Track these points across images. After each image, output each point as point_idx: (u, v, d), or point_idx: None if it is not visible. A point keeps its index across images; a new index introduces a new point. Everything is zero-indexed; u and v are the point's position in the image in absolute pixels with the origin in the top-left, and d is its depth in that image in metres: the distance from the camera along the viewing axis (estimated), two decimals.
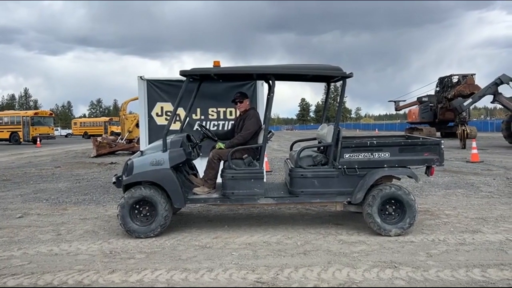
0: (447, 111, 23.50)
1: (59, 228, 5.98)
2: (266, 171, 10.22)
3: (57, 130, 54.12)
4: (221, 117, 8.65)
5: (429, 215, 6.33)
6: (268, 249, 4.85)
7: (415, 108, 29.20)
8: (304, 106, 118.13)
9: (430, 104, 26.19)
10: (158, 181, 5.33)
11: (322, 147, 6.06)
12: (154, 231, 5.32)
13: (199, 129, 6.15)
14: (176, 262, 4.49)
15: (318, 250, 4.78)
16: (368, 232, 5.44)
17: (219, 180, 5.67)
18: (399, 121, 57.19)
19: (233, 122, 8.62)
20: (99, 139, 20.26)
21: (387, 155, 5.44)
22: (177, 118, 8.63)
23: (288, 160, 6.35)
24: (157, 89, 8.56)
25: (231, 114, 8.67)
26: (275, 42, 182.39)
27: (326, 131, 6.01)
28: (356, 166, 5.42)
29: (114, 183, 5.61)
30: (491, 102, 20.64)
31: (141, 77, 8.56)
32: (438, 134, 25.86)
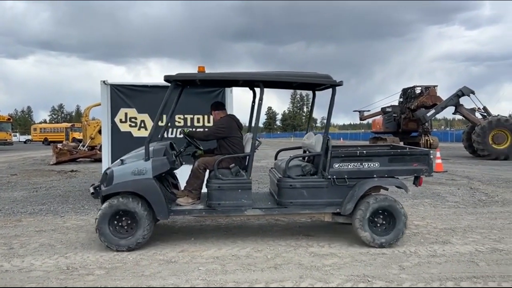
0: (410, 121, 24.00)
1: (12, 241, 5.55)
2: None
3: (15, 136, 51.95)
4: (188, 124, 8.40)
5: None
6: (237, 263, 4.63)
7: (379, 118, 29.70)
8: (270, 114, 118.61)
9: (394, 115, 26.69)
10: (140, 191, 5.04)
11: (309, 157, 5.90)
12: (134, 243, 5.02)
13: (184, 136, 5.85)
14: (139, 278, 4.20)
15: (289, 264, 4.60)
16: (339, 244, 5.31)
17: (203, 190, 5.46)
18: (363, 130, 58.23)
19: (200, 129, 8.41)
20: (59, 145, 19.48)
21: (376, 165, 5.32)
22: (142, 125, 8.33)
23: (274, 170, 6.16)
24: (121, 94, 8.23)
25: (198, 121, 8.43)
26: (242, 50, 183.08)
27: (313, 140, 5.83)
28: (346, 176, 5.28)
29: (92, 193, 5.26)
30: (453, 113, 21.26)
31: (104, 81, 8.21)
32: (401, 143, 26.38)
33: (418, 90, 24.29)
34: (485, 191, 9.41)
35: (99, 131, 18.17)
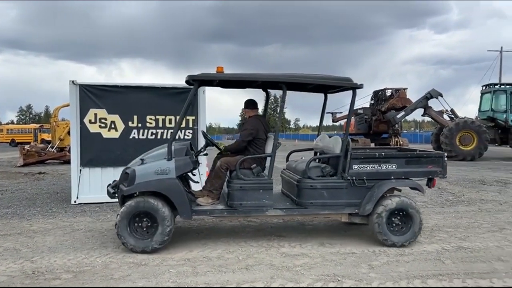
0: (381, 123, 24.41)
1: None
2: None
3: None
4: (160, 125, 8.32)
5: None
6: (209, 264, 4.61)
7: (351, 120, 30.17)
8: (245, 116, 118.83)
9: (365, 116, 27.10)
10: (163, 191, 4.99)
11: (324, 158, 5.90)
12: (154, 245, 4.95)
13: (203, 136, 5.75)
14: (108, 282, 4.13)
15: (260, 265, 4.61)
16: (311, 244, 5.36)
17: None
18: (335, 132, 58.95)
19: (172, 130, 8.36)
20: (27, 147, 18.93)
21: (394, 166, 5.42)
22: (112, 126, 8.20)
23: (287, 171, 6.17)
24: (90, 95, 8.08)
25: (170, 122, 8.36)
26: (217, 51, 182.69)
27: (331, 142, 5.83)
28: (365, 178, 5.34)
29: (113, 193, 5.22)
30: (422, 115, 21.73)
31: (73, 81, 8.04)
32: (373, 145, 26.84)
33: (388, 93, 24.73)
34: (452, 191, 9.67)
35: (69, 132, 17.75)
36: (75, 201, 8.11)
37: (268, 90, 6.43)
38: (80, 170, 8.13)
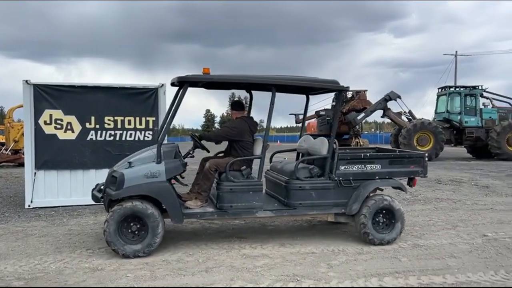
0: (342, 124, 24.83)
1: None
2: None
3: None
4: (119, 126, 8.13)
5: (329, 225, 6.47)
6: (168, 268, 4.53)
7: (313, 121, 30.52)
8: (209, 117, 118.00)
9: (327, 118, 27.52)
10: (154, 195, 4.89)
11: (312, 159, 5.87)
12: (145, 249, 4.85)
13: (191, 138, 5.63)
14: None
15: (220, 267, 4.57)
16: (271, 245, 5.37)
17: None
18: (299, 133, 59.55)
19: (131, 132, 8.20)
20: None
21: (378, 167, 5.57)
22: (68, 127, 7.95)
23: (272, 172, 6.16)
24: (45, 95, 7.80)
25: (129, 123, 8.19)
26: (180, 52, 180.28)
27: (317, 143, 5.87)
28: (351, 178, 5.46)
29: (101, 198, 5.05)
30: (381, 117, 22.29)
31: (26, 81, 7.74)
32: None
33: (349, 94, 25.21)
34: (409, 190, 9.93)
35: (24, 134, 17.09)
36: (29, 206, 7.79)
37: (250, 91, 6.39)
38: (35, 173, 7.84)
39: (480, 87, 20.87)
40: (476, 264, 4.69)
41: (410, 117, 21.30)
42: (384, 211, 5.47)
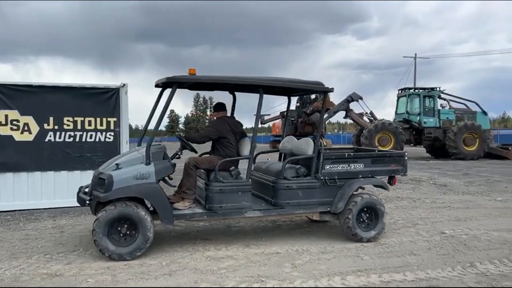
0: (306, 125, 25.13)
1: None
2: None
3: None
4: (78, 127, 7.89)
5: (294, 225, 6.52)
6: (130, 272, 4.43)
7: (278, 122, 30.77)
8: (173, 118, 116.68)
9: (292, 119, 27.80)
10: (144, 196, 4.89)
11: (296, 159, 5.92)
12: (135, 251, 4.78)
13: (178, 139, 5.58)
14: None
15: (184, 269, 4.52)
16: (236, 246, 5.35)
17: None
18: (264, 134, 59.84)
19: (92, 133, 7.99)
20: None
21: (361, 166, 5.73)
22: (25, 128, 7.66)
23: (257, 172, 6.19)
24: (0, 95, 7.49)
25: (90, 124, 7.97)
26: (144, 51, 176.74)
27: (302, 143, 5.95)
28: (336, 177, 5.59)
29: (90, 200, 4.89)
30: (344, 118, 22.72)
31: None
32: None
33: (313, 96, 25.54)
34: (371, 190, 10.15)
35: None
36: None
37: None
38: None
39: (438, 89, 21.61)
40: (434, 261, 4.84)
41: (372, 118, 21.81)
42: (367, 209, 5.64)
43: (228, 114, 6.09)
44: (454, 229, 6.23)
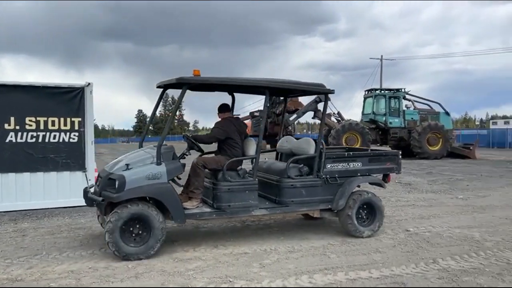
0: (275, 125, 25.27)
1: None
2: None
3: None
4: (41, 127, 7.66)
5: (262, 225, 6.54)
6: (94, 275, 4.34)
7: (248, 122, 30.77)
8: (141, 117, 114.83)
9: (261, 119, 27.93)
10: (157, 196, 4.91)
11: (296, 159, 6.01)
12: (148, 251, 4.82)
13: (184, 139, 5.63)
14: None
15: (151, 272, 4.45)
16: (204, 247, 5.32)
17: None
18: None
19: (55, 133, 7.78)
20: None
21: (359, 164, 5.97)
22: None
23: (257, 172, 6.09)
24: None
25: (53, 124, 7.74)
26: (111, 50, 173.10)
27: (303, 143, 6.15)
28: (337, 175, 5.80)
29: (102, 201, 4.84)
30: (312, 118, 22.98)
31: None
32: (268, 146, 27.69)
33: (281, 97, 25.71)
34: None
35: None
36: None
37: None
38: None
39: (403, 90, 22.14)
40: (399, 258, 4.95)
41: (339, 118, 22.15)
42: (366, 205, 5.88)
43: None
44: (418, 227, 6.40)
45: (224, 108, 6.00)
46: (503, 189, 10.45)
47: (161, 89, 5.88)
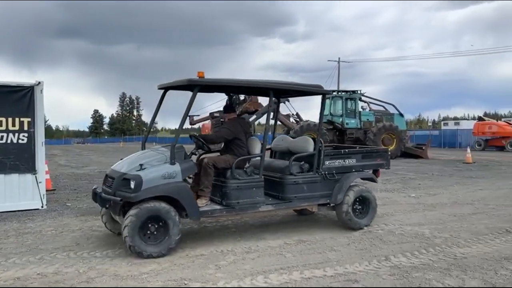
0: None
1: None
2: (48, 190, 9.06)
3: None
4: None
5: (219, 226, 6.51)
6: (43, 282, 4.17)
7: (208, 122, 30.59)
8: (97, 118, 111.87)
9: (221, 119, 27.81)
10: (174, 195, 5.01)
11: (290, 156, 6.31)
12: (166, 249, 4.94)
13: (192, 139, 5.80)
14: None
15: (103, 276, 4.33)
16: None
17: None
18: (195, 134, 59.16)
19: (3, 134, 7.46)
20: None
21: (354, 161, 6.38)
22: None
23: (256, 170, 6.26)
24: None
25: (1, 125, 7.39)
26: (66, 48, 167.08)
27: (301, 141, 6.54)
28: (334, 172, 6.14)
29: (121, 201, 4.86)
30: (272, 119, 23.05)
31: None
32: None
33: (242, 97, 25.74)
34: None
35: None
36: None
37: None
38: None
39: (359, 92, 22.67)
40: (353, 256, 5.06)
41: (298, 119, 22.42)
42: (360, 199, 6.27)
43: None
44: (371, 225, 6.55)
45: (229, 109, 6.29)
46: (453, 188, 10.91)
47: (162, 91, 6.03)
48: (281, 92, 6.68)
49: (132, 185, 4.87)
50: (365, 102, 23.04)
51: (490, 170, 15.43)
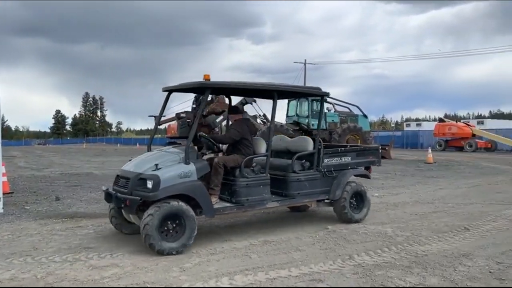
0: (202, 126, 24.91)
1: None
2: (5, 193, 8.70)
3: None
4: None
5: None
6: None
7: (174, 123, 30.17)
8: (59, 118, 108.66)
9: (188, 120, 27.51)
10: (190, 193, 5.18)
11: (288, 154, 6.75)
12: (183, 245, 5.08)
13: (200, 139, 5.98)
14: None
15: (62, 281, 4.19)
16: (122, 253, 5.11)
17: None
18: (160, 135, 58.42)
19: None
20: None
21: (349, 158, 6.80)
22: None
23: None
24: None
25: None
26: (26, 47, 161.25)
27: (300, 141, 6.89)
28: (332, 169, 6.54)
29: (140, 200, 5.00)
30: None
31: None
32: (196, 147, 27.42)
33: (209, 98, 25.59)
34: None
35: None
36: None
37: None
38: None
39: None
40: (317, 256, 5.09)
41: (265, 120, 22.46)
42: (355, 195, 6.68)
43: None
44: (336, 224, 6.63)
45: (236, 111, 6.57)
46: (414, 187, 11.21)
47: (166, 93, 6.20)
48: (284, 94, 6.87)
49: (150, 185, 5.01)
50: (330, 103, 23.33)
51: (450, 170, 15.96)
